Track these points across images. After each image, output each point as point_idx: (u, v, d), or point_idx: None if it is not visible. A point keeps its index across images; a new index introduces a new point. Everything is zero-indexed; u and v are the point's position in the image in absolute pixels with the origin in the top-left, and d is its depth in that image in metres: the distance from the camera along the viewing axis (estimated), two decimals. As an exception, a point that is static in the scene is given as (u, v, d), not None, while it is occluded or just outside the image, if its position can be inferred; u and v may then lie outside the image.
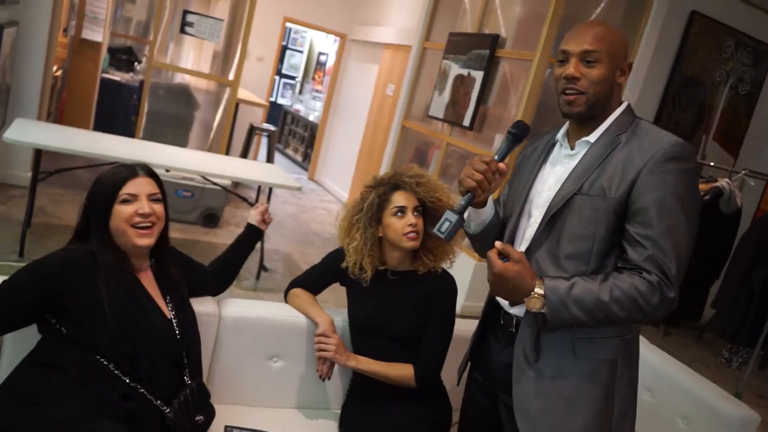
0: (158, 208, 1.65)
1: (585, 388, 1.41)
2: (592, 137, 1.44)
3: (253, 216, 2.07)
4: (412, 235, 1.85)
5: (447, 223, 1.41)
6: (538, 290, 1.34)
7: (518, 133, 1.45)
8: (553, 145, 1.55)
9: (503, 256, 1.36)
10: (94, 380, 1.48)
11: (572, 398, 1.41)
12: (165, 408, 1.56)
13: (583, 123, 1.45)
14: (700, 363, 4.02)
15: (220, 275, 2.01)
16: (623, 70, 1.42)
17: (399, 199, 1.88)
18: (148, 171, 1.68)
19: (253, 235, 2.07)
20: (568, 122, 1.52)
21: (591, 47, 1.37)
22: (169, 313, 1.67)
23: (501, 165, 1.43)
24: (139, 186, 1.63)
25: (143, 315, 1.60)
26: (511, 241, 1.53)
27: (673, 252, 1.32)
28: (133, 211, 1.59)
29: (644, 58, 4.30)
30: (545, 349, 1.43)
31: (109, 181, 1.61)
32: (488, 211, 1.57)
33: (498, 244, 1.38)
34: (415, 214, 1.87)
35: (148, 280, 1.68)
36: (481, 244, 1.63)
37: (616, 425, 1.45)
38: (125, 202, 1.60)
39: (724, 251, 4.03)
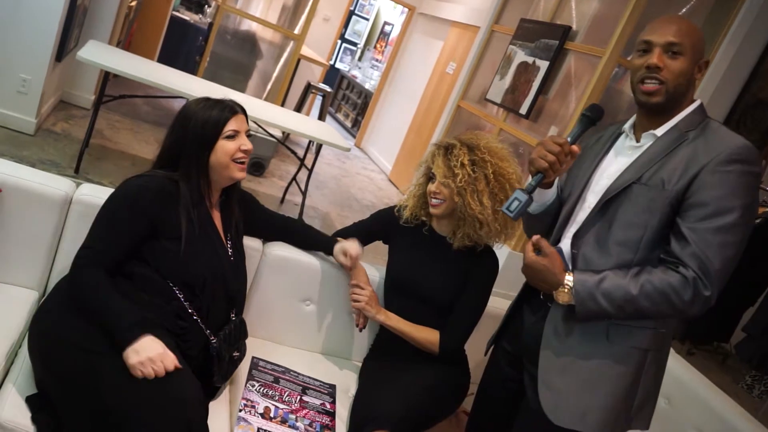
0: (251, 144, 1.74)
1: (612, 371, 1.44)
2: (660, 131, 1.44)
3: (341, 254, 1.99)
4: (433, 201, 1.90)
5: (516, 202, 1.43)
6: (567, 283, 1.40)
7: (593, 117, 1.47)
8: (619, 135, 1.56)
9: (537, 249, 1.45)
10: (157, 295, 1.57)
11: (598, 379, 1.44)
12: (212, 338, 1.64)
13: (655, 115, 1.45)
14: (720, 387, 3.97)
15: (281, 234, 2.06)
16: (700, 67, 1.42)
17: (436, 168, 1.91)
18: (243, 109, 1.74)
19: (325, 250, 2.05)
20: (635, 114, 1.52)
21: (676, 39, 1.38)
22: (228, 250, 1.75)
23: (574, 147, 1.44)
24: (240, 123, 1.70)
25: (213, 250, 1.68)
26: (564, 224, 1.55)
27: (720, 249, 1.31)
28: (237, 146, 1.67)
29: (716, 73, 4.19)
30: (577, 329, 1.46)
31: (213, 117, 1.65)
32: (551, 193, 1.60)
33: (534, 237, 1.47)
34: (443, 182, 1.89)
35: (216, 216, 1.76)
36: (536, 224, 1.66)
37: (635, 413, 1.47)
38: (230, 137, 1.67)
39: (764, 278, 3.95)
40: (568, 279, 1.41)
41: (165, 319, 1.55)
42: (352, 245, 1.99)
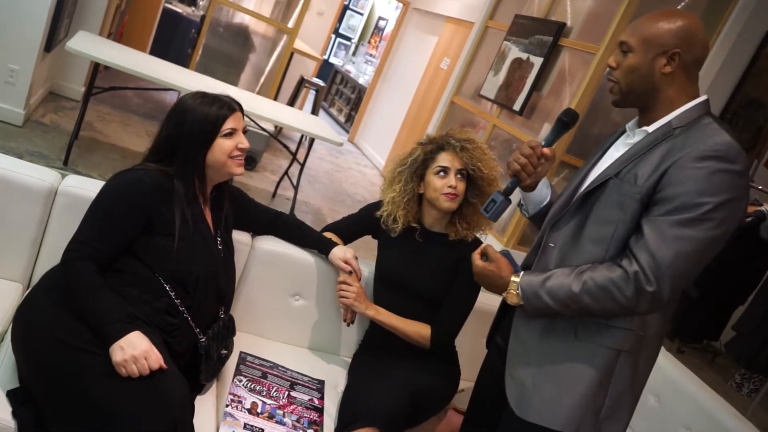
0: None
1: (577, 367, 1.39)
2: (652, 127, 1.40)
3: (338, 258, 1.96)
4: (450, 195, 1.86)
5: (492, 203, 1.51)
6: (514, 283, 1.43)
7: (567, 120, 1.50)
8: (623, 133, 1.53)
9: (485, 255, 1.49)
10: (147, 292, 1.54)
11: (562, 373, 1.40)
12: (201, 336, 1.63)
13: (643, 112, 1.43)
14: (709, 385, 3.99)
15: (273, 229, 2.04)
16: (671, 58, 1.35)
17: (443, 159, 1.89)
18: (240, 105, 1.72)
19: (319, 249, 2.03)
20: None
21: (623, 37, 1.39)
22: (219, 247, 1.72)
23: (546, 150, 1.50)
24: (238, 120, 1.69)
25: (206, 247, 1.66)
26: (556, 219, 1.52)
27: (674, 242, 1.25)
28: (234, 145, 1.66)
29: (709, 71, 4.18)
30: (547, 324, 1.44)
31: (211, 115, 1.63)
32: (541, 195, 1.61)
33: (482, 245, 1.53)
34: (458, 176, 1.87)
35: (207, 213, 1.73)
36: (538, 224, 1.66)
37: (605, 417, 1.41)
38: (227, 135, 1.65)
39: (755, 276, 3.96)
40: (515, 280, 1.43)
41: (154, 316, 1.53)
42: (352, 258, 1.96)
